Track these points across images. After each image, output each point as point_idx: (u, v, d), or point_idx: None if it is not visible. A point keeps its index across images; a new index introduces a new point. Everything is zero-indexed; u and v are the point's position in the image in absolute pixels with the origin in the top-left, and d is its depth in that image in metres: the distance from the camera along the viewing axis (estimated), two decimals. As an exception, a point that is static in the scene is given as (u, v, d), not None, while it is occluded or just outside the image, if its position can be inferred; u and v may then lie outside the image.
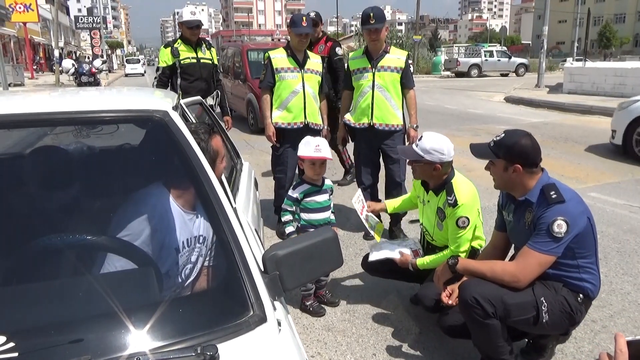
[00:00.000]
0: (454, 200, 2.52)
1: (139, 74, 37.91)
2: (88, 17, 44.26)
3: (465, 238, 2.53)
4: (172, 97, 1.91)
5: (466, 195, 2.53)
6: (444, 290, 2.27)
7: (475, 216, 2.56)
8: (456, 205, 2.51)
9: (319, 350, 2.53)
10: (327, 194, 2.85)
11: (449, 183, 2.59)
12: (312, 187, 2.80)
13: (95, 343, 1.05)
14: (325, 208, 2.83)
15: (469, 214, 2.51)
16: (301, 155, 2.75)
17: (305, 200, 2.78)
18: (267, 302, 1.15)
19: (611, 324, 2.71)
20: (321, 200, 2.81)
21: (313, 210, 2.79)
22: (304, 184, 2.81)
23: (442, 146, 2.55)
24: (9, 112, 1.51)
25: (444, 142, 2.58)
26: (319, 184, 2.82)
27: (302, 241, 1.27)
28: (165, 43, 4.50)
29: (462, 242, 2.54)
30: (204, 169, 1.41)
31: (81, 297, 1.21)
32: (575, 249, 2.03)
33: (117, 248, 1.39)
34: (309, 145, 2.74)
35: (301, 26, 3.71)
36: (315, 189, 2.80)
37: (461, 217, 2.50)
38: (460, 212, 2.50)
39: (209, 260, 1.48)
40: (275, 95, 3.85)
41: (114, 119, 1.62)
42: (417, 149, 2.58)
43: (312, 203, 2.79)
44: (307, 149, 2.73)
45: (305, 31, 3.72)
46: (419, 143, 2.60)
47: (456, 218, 2.51)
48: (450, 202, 2.53)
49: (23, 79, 22.12)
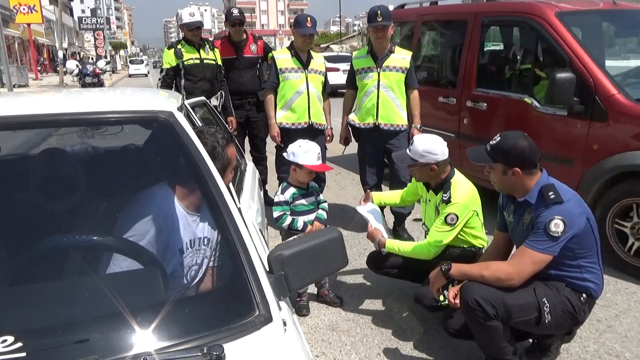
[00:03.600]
0: (448, 197, 2.55)
1: (142, 75, 38.03)
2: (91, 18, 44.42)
3: (445, 235, 2.51)
4: (176, 98, 1.92)
5: (462, 195, 2.54)
6: (438, 295, 2.28)
7: (469, 217, 2.56)
8: (449, 203, 2.53)
9: (323, 350, 2.53)
10: (314, 196, 2.87)
11: (447, 182, 2.61)
12: (299, 190, 2.81)
13: (102, 343, 1.05)
14: (312, 210, 2.84)
15: (460, 213, 2.51)
16: (306, 165, 2.72)
17: (294, 203, 2.79)
18: (272, 302, 1.15)
19: (616, 323, 2.71)
20: (308, 203, 2.82)
21: (301, 213, 2.80)
22: (290, 187, 2.81)
23: (434, 147, 2.57)
24: (16, 114, 1.52)
25: (435, 142, 2.60)
26: (305, 186, 2.84)
27: (307, 241, 1.27)
28: (169, 44, 4.51)
29: (440, 237, 2.51)
30: (209, 169, 1.41)
31: (88, 297, 1.22)
32: (575, 249, 2.03)
33: (123, 248, 1.39)
34: (311, 153, 2.73)
35: (306, 27, 3.73)
36: (302, 191, 2.82)
37: (450, 214, 2.50)
38: (450, 209, 2.51)
39: (215, 261, 1.49)
40: (279, 96, 3.86)
41: (120, 119, 1.63)
42: (411, 153, 2.62)
43: (300, 206, 2.80)
44: (309, 158, 2.72)
45: (309, 32, 3.75)
46: (411, 148, 2.64)
47: (446, 214, 2.52)
48: (445, 199, 2.56)
49: (27, 79, 22.24)
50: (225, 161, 1.82)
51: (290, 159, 2.77)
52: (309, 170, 2.75)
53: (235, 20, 4.40)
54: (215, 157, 1.74)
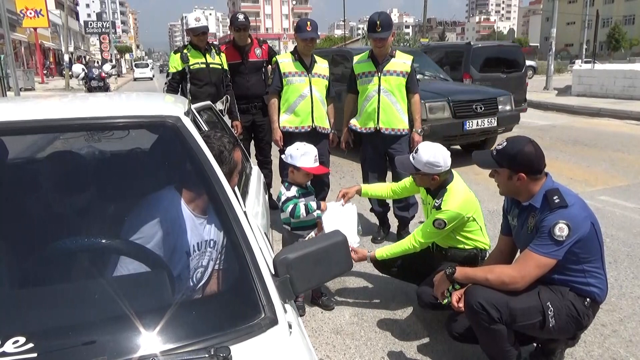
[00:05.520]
0: (439, 204, 2.60)
1: (147, 78, 38.20)
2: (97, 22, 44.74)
3: (431, 234, 2.61)
4: (183, 103, 1.94)
5: (453, 204, 2.58)
6: (442, 298, 2.29)
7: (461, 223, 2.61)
8: (439, 210, 2.58)
9: (327, 353, 2.54)
10: (312, 195, 2.90)
11: (443, 188, 2.65)
12: (300, 190, 2.84)
13: (110, 345, 1.07)
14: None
15: (449, 220, 2.57)
16: (303, 167, 2.74)
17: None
18: (278, 305, 1.17)
19: (621, 328, 2.70)
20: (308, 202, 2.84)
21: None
22: (292, 185, 2.84)
23: (438, 159, 2.60)
24: (25, 119, 1.55)
25: (440, 153, 2.61)
26: (304, 186, 2.87)
27: (312, 245, 1.29)
28: (175, 49, 4.55)
29: (427, 235, 2.61)
30: (215, 173, 1.43)
31: (97, 299, 1.24)
32: (579, 253, 2.03)
33: (131, 251, 1.41)
34: (308, 155, 2.75)
35: (306, 31, 3.74)
36: (303, 191, 2.85)
37: (438, 219, 2.57)
38: (439, 215, 2.57)
39: (221, 263, 1.50)
40: (283, 100, 3.88)
41: (127, 124, 1.64)
42: (414, 162, 2.64)
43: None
44: (306, 160, 2.74)
45: (310, 36, 3.76)
46: (415, 156, 2.66)
47: (434, 219, 2.58)
48: (436, 206, 2.61)
49: (34, 83, 22.38)
50: (232, 165, 1.84)
51: (287, 161, 2.80)
52: (306, 172, 2.77)
53: (240, 25, 4.43)
54: (223, 161, 1.76)
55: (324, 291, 3.05)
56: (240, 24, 4.43)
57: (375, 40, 3.61)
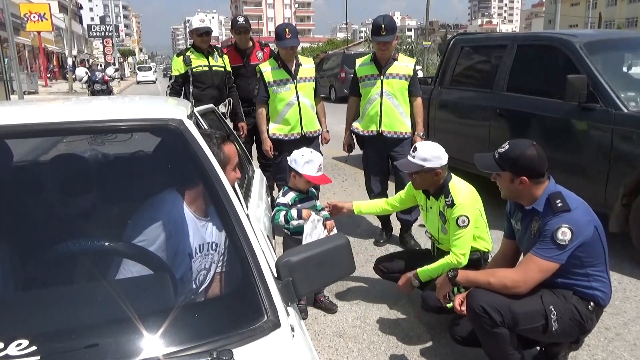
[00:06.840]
0: (451, 200, 2.59)
1: (150, 82, 38.35)
2: (100, 25, 44.98)
3: (465, 239, 2.56)
4: (186, 106, 1.95)
5: (464, 195, 2.59)
6: (444, 302, 2.28)
7: (477, 215, 2.60)
8: (454, 205, 2.57)
9: (330, 356, 2.53)
10: (313, 200, 2.89)
11: (446, 186, 2.65)
12: (299, 195, 2.82)
13: (112, 348, 1.07)
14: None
15: (468, 213, 2.55)
16: (305, 175, 2.73)
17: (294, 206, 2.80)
18: (280, 308, 1.17)
19: (625, 331, 2.69)
20: (309, 207, 2.83)
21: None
22: (290, 191, 2.83)
23: (439, 152, 2.63)
24: (29, 122, 1.55)
25: (438, 146, 2.67)
26: (305, 191, 2.85)
27: (315, 248, 1.28)
28: (178, 52, 4.57)
29: (462, 243, 2.56)
30: (218, 176, 1.43)
31: (99, 302, 1.24)
32: (583, 257, 2.02)
33: (133, 254, 1.41)
34: (312, 164, 2.73)
35: (285, 39, 3.68)
36: (303, 196, 2.84)
37: (461, 216, 2.55)
38: (458, 211, 2.56)
39: (224, 266, 1.50)
40: (270, 108, 3.86)
41: (130, 127, 1.65)
42: (416, 160, 2.63)
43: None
44: (310, 169, 2.73)
45: (289, 44, 3.70)
46: (415, 154, 2.66)
47: (455, 217, 2.56)
48: (448, 203, 2.60)
49: (37, 86, 22.51)
50: (223, 158, 1.82)
51: (292, 165, 2.78)
52: (307, 179, 2.76)
53: (240, 28, 4.44)
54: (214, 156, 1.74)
55: (327, 294, 3.05)
56: (241, 27, 4.45)
57: (379, 44, 3.61)
